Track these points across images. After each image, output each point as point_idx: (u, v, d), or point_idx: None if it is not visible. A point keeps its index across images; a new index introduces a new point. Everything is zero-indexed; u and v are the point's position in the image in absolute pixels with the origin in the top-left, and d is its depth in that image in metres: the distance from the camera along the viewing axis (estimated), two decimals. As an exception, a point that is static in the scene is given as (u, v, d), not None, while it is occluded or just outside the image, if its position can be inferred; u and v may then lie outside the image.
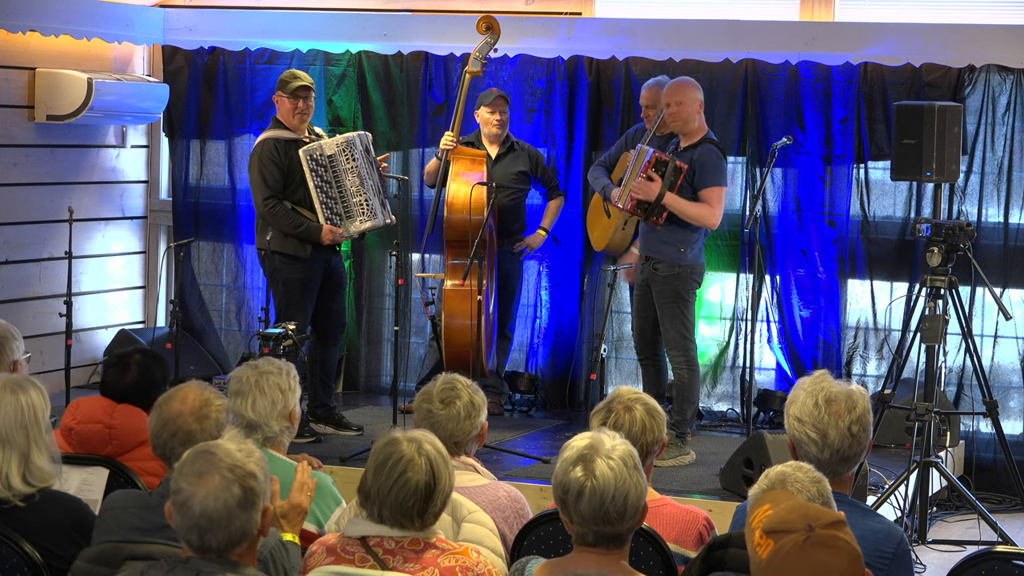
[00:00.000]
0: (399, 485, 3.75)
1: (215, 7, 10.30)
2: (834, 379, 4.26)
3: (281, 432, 4.80)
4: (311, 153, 8.20)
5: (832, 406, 4.18)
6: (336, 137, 8.40)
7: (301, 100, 8.28)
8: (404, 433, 3.86)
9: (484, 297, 8.40)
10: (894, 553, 4.06)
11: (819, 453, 4.16)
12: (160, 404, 4.37)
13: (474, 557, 3.79)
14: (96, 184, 10.12)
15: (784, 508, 3.01)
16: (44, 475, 4.34)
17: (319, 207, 8.21)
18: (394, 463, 3.77)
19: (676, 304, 8.07)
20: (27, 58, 9.45)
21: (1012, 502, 8.49)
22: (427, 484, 3.76)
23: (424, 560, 3.75)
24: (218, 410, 4.37)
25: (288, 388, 4.81)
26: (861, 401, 4.21)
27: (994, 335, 8.90)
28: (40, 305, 9.56)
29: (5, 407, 4.33)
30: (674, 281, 8.05)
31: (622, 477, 3.61)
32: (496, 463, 7.86)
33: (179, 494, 3.39)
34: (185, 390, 4.38)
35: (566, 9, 9.62)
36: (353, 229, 8.28)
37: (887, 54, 8.97)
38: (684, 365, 8.11)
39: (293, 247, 8.28)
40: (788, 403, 4.26)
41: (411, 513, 3.76)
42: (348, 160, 8.24)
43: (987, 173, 8.90)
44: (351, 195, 8.24)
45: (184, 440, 4.26)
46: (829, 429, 4.16)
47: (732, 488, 7.47)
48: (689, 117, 8.04)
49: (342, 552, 3.81)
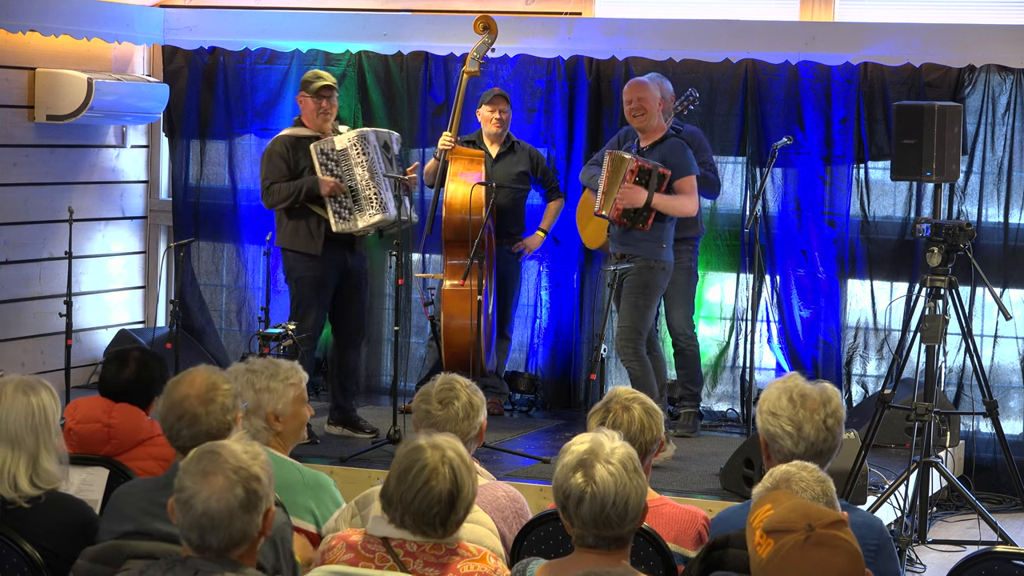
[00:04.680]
0: (422, 494, 3.74)
1: (215, 7, 10.30)
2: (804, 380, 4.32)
3: (258, 431, 4.72)
4: (321, 147, 8.16)
5: (807, 401, 4.24)
6: (350, 131, 8.33)
7: (324, 100, 8.20)
8: (428, 439, 3.84)
9: (483, 297, 8.40)
10: (878, 544, 4.11)
11: (794, 447, 4.18)
12: (169, 388, 4.38)
13: (492, 564, 3.79)
14: (96, 184, 10.12)
15: (785, 507, 3.01)
16: (51, 478, 4.33)
17: (328, 201, 8.16)
18: (418, 471, 3.76)
19: (643, 295, 8.11)
20: (27, 58, 9.45)
21: (1012, 502, 8.49)
22: (450, 493, 3.75)
23: (444, 565, 3.75)
24: (225, 394, 4.35)
25: (264, 388, 4.75)
26: (835, 397, 4.29)
27: (994, 335, 8.90)
28: (40, 305, 9.56)
29: (16, 408, 4.31)
30: (648, 273, 8.11)
31: (622, 481, 3.61)
32: (496, 463, 7.86)
33: (183, 492, 3.40)
34: (194, 373, 4.38)
35: (566, 9, 9.62)
36: (362, 224, 8.18)
37: (887, 54, 8.97)
38: (632, 357, 8.12)
39: (304, 244, 8.23)
40: (760, 400, 4.32)
41: (434, 522, 3.76)
42: (359, 154, 8.17)
43: (987, 173, 8.90)
44: (360, 189, 8.18)
45: (190, 423, 4.28)
46: (804, 423, 4.20)
47: (732, 488, 7.47)
48: (649, 115, 8.12)
49: (363, 550, 3.82)
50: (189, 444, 3.98)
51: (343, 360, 8.46)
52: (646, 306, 8.13)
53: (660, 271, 8.15)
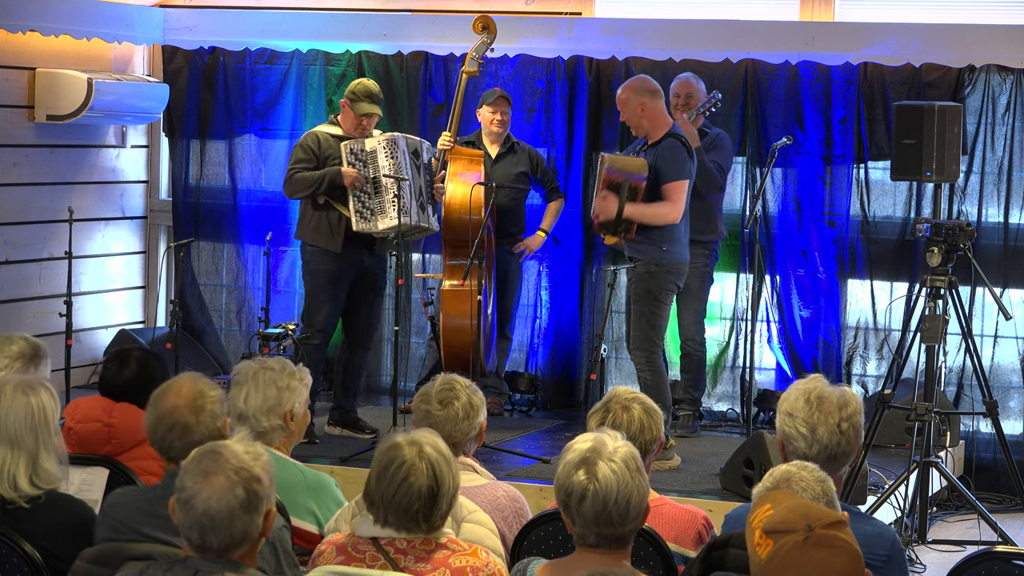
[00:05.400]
0: (402, 491, 3.74)
1: (215, 7, 10.30)
2: (828, 383, 4.29)
3: (271, 430, 4.73)
4: (352, 147, 8.15)
5: (824, 403, 4.21)
6: (383, 135, 8.31)
7: (364, 118, 8.19)
8: (406, 436, 3.84)
9: (483, 297, 8.40)
10: (888, 555, 4.07)
11: (807, 449, 4.17)
12: (155, 399, 4.34)
13: (483, 558, 3.79)
14: (96, 184, 10.12)
15: (784, 508, 3.01)
16: (51, 478, 4.33)
17: (351, 200, 8.16)
18: (396, 469, 3.76)
19: (646, 302, 8.02)
20: (27, 58, 9.46)
21: (1012, 502, 8.49)
22: (430, 488, 3.75)
23: (435, 560, 3.75)
24: (213, 401, 4.34)
25: (284, 387, 4.74)
26: (853, 402, 4.25)
27: (994, 335, 8.90)
28: (40, 305, 9.56)
29: (16, 408, 4.31)
30: (648, 280, 7.99)
31: (625, 480, 3.61)
32: (496, 463, 7.86)
33: (184, 491, 3.40)
34: (179, 383, 4.35)
35: (566, 9, 9.62)
36: (382, 225, 8.12)
37: (887, 54, 8.97)
38: (645, 366, 8.03)
39: (325, 240, 8.22)
40: (781, 401, 4.30)
41: (416, 517, 3.76)
42: (388, 157, 8.15)
43: (987, 173, 8.90)
44: (385, 191, 8.16)
45: (182, 433, 4.25)
46: (818, 425, 4.18)
47: (732, 488, 7.47)
48: (631, 122, 8.04)
49: (353, 551, 3.82)
50: (182, 455, 3.94)
51: (350, 360, 8.46)
52: (652, 312, 8.02)
53: (664, 274, 8.00)
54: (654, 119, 8.03)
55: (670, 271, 8.03)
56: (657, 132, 8.04)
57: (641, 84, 8.11)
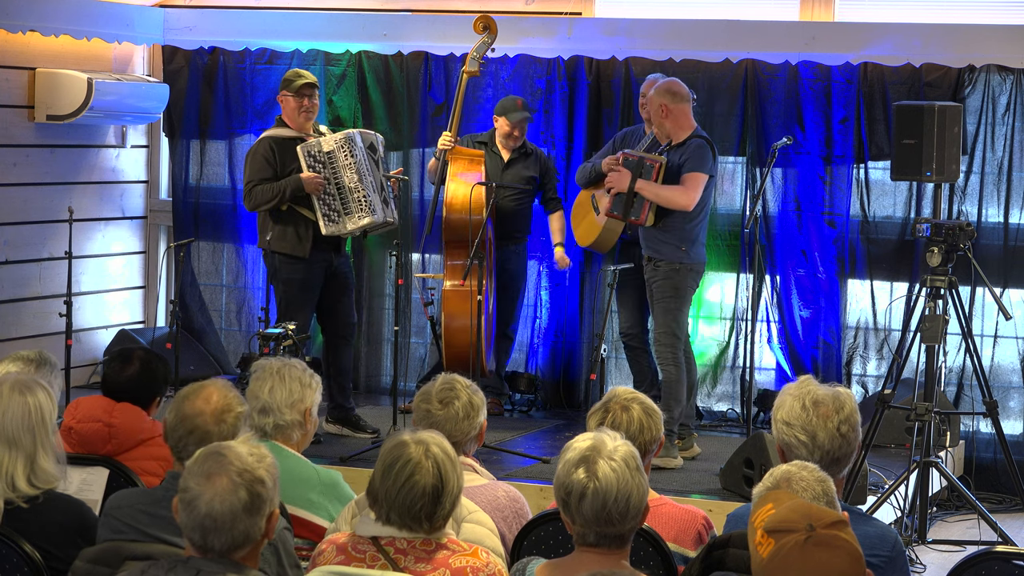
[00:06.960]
0: (406, 489, 3.74)
1: (215, 7, 10.31)
2: (819, 383, 4.26)
3: (292, 424, 4.77)
4: (308, 150, 8.17)
5: (820, 408, 4.17)
6: (336, 133, 8.36)
7: (306, 98, 8.23)
8: (412, 435, 3.84)
9: (484, 297, 8.40)
10: (890, 556, 4.06)
11: (809, 456, 4.14)
12: (182, 399, 4.34)
13: (484, 558, 3.79)
14: (96, 184, 10.12)
15: (786, 507, 3.01)
16: (49, 478, 4.33)
17: (316, 204, 8.17)
18: (401, 466, 3.76)
19: (673, 299, 8.02)
20: (27, 58, 9.46)
21: (1012, 502, 8.50)
22: (434, 487, 3.75)
23: (435, 560, 3.75)
24: (237, 417, 4.35)
25: (307, 384, 4.82)
26: (848, 402, 4.22)
27: (994, 335, 8.90)
28: (40, 305, 9.56)
29: (12, 408, 4.31)
30: (674, 276, 8.00)
31: (624, 478, 3.61)
32: (496, 463, 7.86)
33: (187, 492, 3.40)
34: (210, 389, 4.35)
35: (566, 9, 9.62)
36: (351, 226, 8.19)
37: (887, 54, 8.97)
38: (671, 361, 8.04)
39: (291, 246, 8.24)
40: (775, 409, 4.24)
41: (419, 516, 3.76)
42: (347, 156, 8.18)
43: (987, 173, 8.90)
44: (349, 192, 8.18)
45: (199, 439, 4.24)
46: (818, 431, 4.15)
47: (732, 488, 7.47)
48: (654, 118, 8.06)
49: (353, 551, 3.82)
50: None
51: (336, 359, 8.47)
52: (678, 309, 8.04)
53: (688, 272, 8.02)
54: (677, 121, 8.04)
55: (691, 269, 8.05)
56: (681, 134, 8.03)
57: (667, 86, 8.11)
